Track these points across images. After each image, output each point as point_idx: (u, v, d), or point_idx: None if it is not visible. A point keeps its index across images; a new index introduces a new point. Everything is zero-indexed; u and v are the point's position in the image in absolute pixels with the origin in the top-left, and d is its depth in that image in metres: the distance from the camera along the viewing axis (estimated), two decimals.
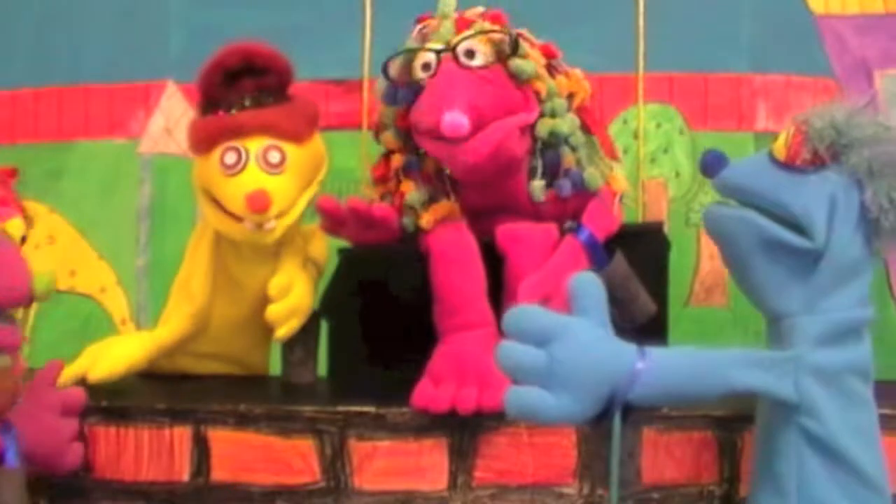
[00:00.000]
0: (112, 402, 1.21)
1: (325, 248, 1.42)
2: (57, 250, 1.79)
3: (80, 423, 1.19)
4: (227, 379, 1.42)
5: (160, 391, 1.33)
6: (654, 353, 0.93)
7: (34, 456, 1.13)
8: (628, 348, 0.91)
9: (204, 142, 1.30)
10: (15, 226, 1.12)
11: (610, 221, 1.28)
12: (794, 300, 1.08)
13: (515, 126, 1.19)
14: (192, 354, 1.42)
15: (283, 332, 1.31)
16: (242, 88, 1.30)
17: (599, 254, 1.24)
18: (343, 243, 1.34)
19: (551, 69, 1.28)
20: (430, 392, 1.16)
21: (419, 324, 1.22)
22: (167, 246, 1.77)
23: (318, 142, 1.37)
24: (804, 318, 1.07)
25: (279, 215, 1.28)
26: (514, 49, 1.21)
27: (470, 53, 1.19)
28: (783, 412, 1.06)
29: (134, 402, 1.23)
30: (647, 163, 1.70)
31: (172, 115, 1.83)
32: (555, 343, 0.87)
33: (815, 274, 1.07)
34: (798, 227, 1.07)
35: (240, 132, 1.28)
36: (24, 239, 1.13)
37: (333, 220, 1.25)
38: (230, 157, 1.27)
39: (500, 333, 1.19)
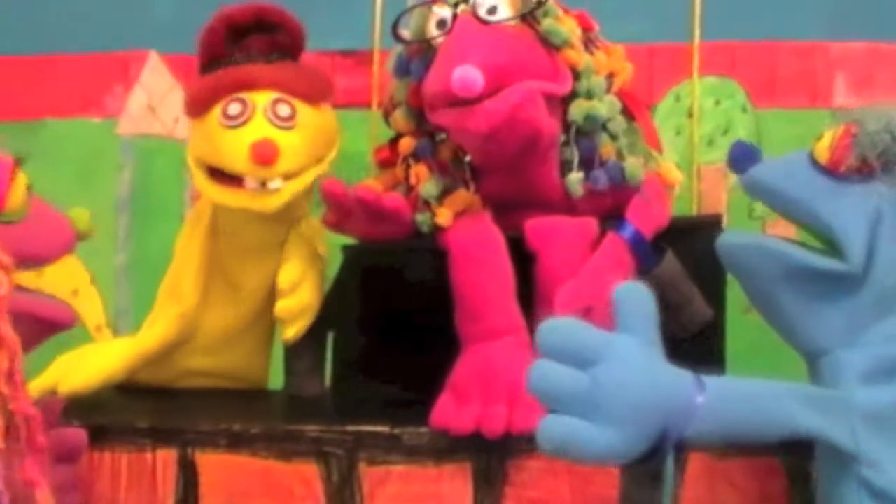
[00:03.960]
0: (85, 419, 1.22)
1: (325, 243, 1.44)
2: None
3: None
4: (218, 393, 1.44)
5: (141, 407, 1.35)
6: (713, 384, 0.91)
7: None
8: (685, 377, 0.90)
9: (205, 99, 1.34)
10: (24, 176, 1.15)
11: (658, 215, 1.28)
12: (832, 333, 1.07)
13: (539, 90, 1.18)
14: (180, 367, 1.44)
15: (292, 332, 1.34)
16: (251, 45, 1.35)
17: (647, 253, 1.24)
18: (347, 239, 1.35)
19: (588, 43, 1.29)
20: (452, 409, 1.17)
21: (438, 330, 1.23)
22: (150, 241, 1.79)
23: (331, 114, 1.41)
24: (847, 354, 1.06)
25: (287, 177, 1.30)
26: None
27: (492, 10, 1.20)
28: (842, 462, 1.05)
29: (110, 419, 1.24)
30: (703, 146, 1.71)
31: (156, 90, 1.86)
32: (599, 365, 0.85)
33: (855, 301, 1.06)
34: (832, 245, 1.07)
35: (246, 84, 1.32)
36: (29, 187, 1.15)
37: (339, 210, 1.26)
38: (234, 108, 1.31)
39: (532, 341, 1.22)
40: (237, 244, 1.41)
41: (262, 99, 1.31)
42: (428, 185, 1.27)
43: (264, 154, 1.27)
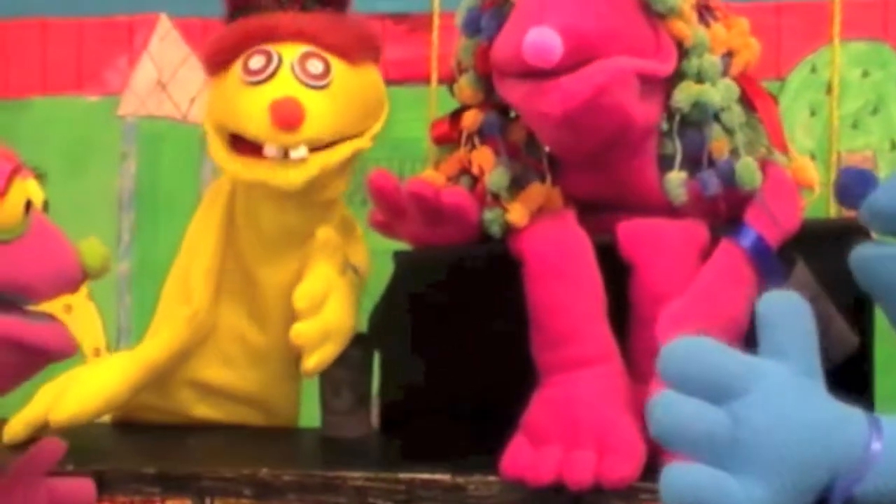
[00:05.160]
0: (81, 464, 1.24)
1: (365, 251, 1.47)
2: None
3: None
4: (240, 431, 1.45)
5: (147, 448, 1.37)
6: (891, 426, 0.89)
7: None
8: (856, 416, 0.85)
9: (225, 50, 1.39)
10: (34, 189, 1.10)
11: (787, 218, 1.26)
12: None
13: (633, 70, 1.17)
14: (191, 381, 1.46)
15: (313, 361, 1.35)
16: None
17: (772, 265, 1.23)
18: (399, 244, 1.36)
19: (704, 13, 1.29)
20: (528, 455, 1.17)
21: (509, 357, 1.24)
22: (159, 245, 1.82)
23: (375, 77, 1.44)
24: None
25: (314, 146, 1.33)
26: None
27: None
28: None
29: (111, 464, 1.26)
30: (846, 129, 1.70)
31: (167, 62, 1.88)
32: (741, 399, 0.82)
33: None
34: None
35: (272, 34, 1.37)
36: (45, 204, 1.13)
37: (389, 208, 1.26)
38: (257, 62, 1.35)
39: (627, 373, 1.23)
40: (256, 232, 1.42)
41: (290, 52, 1.35)
42: (496, 173, 1.26)
43: (287, 115, 1.30)
